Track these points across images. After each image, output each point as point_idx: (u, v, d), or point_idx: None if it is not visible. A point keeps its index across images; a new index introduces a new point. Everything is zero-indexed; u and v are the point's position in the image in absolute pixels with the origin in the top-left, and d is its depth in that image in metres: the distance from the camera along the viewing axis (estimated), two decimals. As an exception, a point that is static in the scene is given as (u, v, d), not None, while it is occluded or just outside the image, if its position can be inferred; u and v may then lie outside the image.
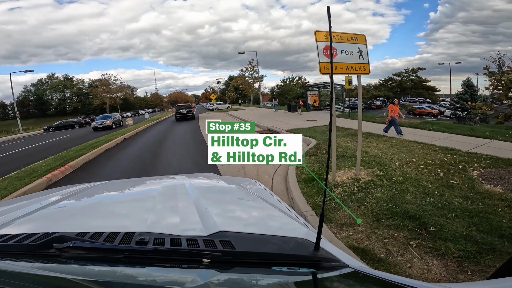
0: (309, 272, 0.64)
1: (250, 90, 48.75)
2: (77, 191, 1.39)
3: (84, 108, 58.69)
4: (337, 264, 0.67)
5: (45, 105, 59.70)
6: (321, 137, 8.02)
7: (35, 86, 60.67)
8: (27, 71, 27.10)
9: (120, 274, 0.65)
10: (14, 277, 0.60)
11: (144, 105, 68.70)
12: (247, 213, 1.11)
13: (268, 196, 1.30)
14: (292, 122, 12.73)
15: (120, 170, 6.50)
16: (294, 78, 52.26)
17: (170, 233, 0.75)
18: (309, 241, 0.74)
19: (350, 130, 9.12)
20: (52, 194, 1.35)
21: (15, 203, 1.26)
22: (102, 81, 57.20)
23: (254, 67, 45.16)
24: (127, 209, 1.15)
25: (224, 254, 0.66)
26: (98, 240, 0.71)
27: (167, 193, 1.26)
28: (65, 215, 1.09)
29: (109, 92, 56.40)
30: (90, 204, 1.28)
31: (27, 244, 0.70)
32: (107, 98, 55.60)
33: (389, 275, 0.60)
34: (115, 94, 57.91)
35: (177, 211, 0.97)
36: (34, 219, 0.98)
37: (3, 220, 0.93)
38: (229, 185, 1.55)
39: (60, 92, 60.91)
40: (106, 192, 1.51)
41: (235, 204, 1.21)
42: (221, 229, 0.78)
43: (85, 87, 61.05)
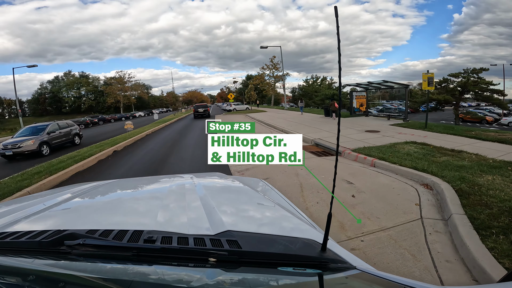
0: (315, 273, 0.63)
1: (270, 90, 44.39)
2: (88, 189, 1.39)
3: (99, 106, 57.28)
4: (344, 265, 0.66)
5: (60, 103, 58.49)
6: (450, 173, 4.25)
7: (51, 83, 59.87)
8: (31, 66, 24.56)
9: (128, 271, 0.65)
10: (25, 274, 0.61)
11: (159, 104, 67.07)
12: (254, 213, 1.09)
13: (276, 196, 1.31)
14: (346, 134, 8.97)
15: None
16: (318, 78, 47.59)
17: (177, 232, 0.75)
18: (316, 242, 0.73)
19: (466, 154, 5.37)
20: (63, 192, 1.36)
21: (28, 200, 1.25)
22: (117, 79, 55.63)
23: (276, 65, 40.74)
24: (136, 208, 1.16)
25: (231, 253, 0.66)
26: (107, 238, 0.71)
27: (176, 192, 1.27)
28: (76, 213, 1.11)
29: (123, 90, 54.65)
30: (100, 202, 1.29)
31: (39, 241, 0.71)
32: (121, 96, 53.83)
33: (396, 277, 0.59)
34: (129, 92, 56.20)
35: (185, 210, 0.98)
36: (46, 217, 0.98)
37: (16, 217, 0.95)
38: (237, 185, 1.52)
39: (76, 89, 59.63)
40: (115, 190, 1.51)
41: (242, 204, 1.20)
42: (228, 228, 0.78)
43: (100, 85, 59.60)
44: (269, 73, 42.08)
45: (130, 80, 56.98)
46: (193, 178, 1.52)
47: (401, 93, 12.27)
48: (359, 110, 14.29)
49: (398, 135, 8.21)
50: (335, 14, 0.75)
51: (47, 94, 58.50)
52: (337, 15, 0.75)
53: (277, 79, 41.21)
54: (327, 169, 5.19)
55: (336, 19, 0.75)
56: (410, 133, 8.52)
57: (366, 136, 8.26)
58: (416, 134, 8.12)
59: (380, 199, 3.67)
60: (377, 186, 4.20)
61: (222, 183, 1.64)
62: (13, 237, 0.74)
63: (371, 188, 4.11)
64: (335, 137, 6.76)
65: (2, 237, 0.75)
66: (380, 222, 3.03)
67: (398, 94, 12.65)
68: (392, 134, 8.42)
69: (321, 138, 8.26)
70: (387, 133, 8.69)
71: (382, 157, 5.41)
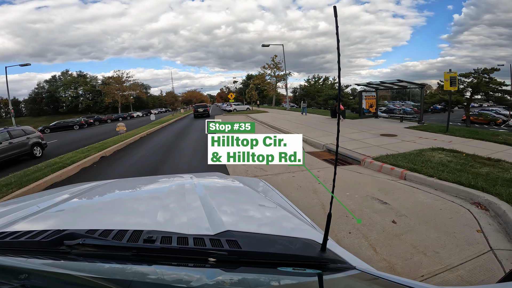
0: (315, 273, 0.63)
1: (271, 90, 42.94)
2: (88, 189, 1.38)
3: (96, 106, 56.26)
4: (344, 265, 0.66)
5: (57, 102, 57.18)
6: (504, 189, 3.42)
7: (48, 82, 58.62)
8: (23, 65, 23.56)
9: (128, 271, 0.64)
10: (25, 273, 0.60)
11: (158, 104, 66.16)
12: (254, 213, 1.08)
13: (276, 197, 1.30)
14: (360, 138, 8.11)
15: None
16: (320, 77, 46.13)
17: (177, 232, 0.74)
18: (315, 242, 0.72)
19: (506, 164, 4.63)
20: (62, 192, 1.34)
21: (27, 200, 1.24)
22: (115, 78, 54.68)
23: (278, 64, 39.27)
24: (135, 207, 1.14)
25: (230, 253, 0.65)
26: (107, 237, 0.70)
27: (175, 192, 1.26)
28: (76, 212, 1.10)
29: (121, 90, 53.70)
30: (100, 202, 1.28)
31: (39, 240, 0.70)
32: (118, 96, 52.83)
33: (396, 277, 0.59)
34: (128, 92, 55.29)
35: (185, 210, 0.97)
36: (45, 217, 0.97)
37: (16, 216, 0.93)
38: (237, 184, 1.50)
39: (73, 89, 58.40)
40: (115, 190, 1.50)
41: (242, 204, 1.19)
42: (228, 228, 0.77)
43: (98, 84, 58.47)
44: (270, 73, 40.74)
45: (129, 80, 56.01)
46: (192, 178, 1.50)
47: (413, 93, 11.42)
48: (369, 111, 13.35)
49: (419, 140, 7.35)
50: (334, 14, 0.76)
51: (44, 94, 57.24)
52: (336, 15, 0.75)
53: (279, 78, 39.97)
54: (350, 183, 4.31)
55: (336, 19, 0.75)
56: (432, 137, 7.66)
57: (383, 141, 7.40)
58: (439, 139, 7.27)
59: (430, 226, 2.83)
60: (420, 207, 3.35)
61: (222, 183, 1.63)
62: (12, 237, 0.74)
63: (413, 210, 3.26)
64: (350, 142, 5.48)
65: (2, 237, 0.74)
66: (442, 259, 2.26)
67: (406, 94, 11.82)
68: (412, 139, 7.56)
69: (333, 143, 7.41)
70: (405, 138, 7.84)
71: (413, 168, 4.55)
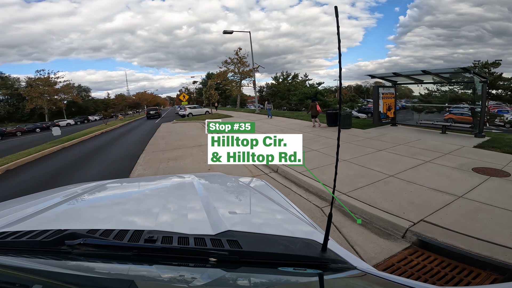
0: (316, 273, 0.62)
1: (235, 89, 36.88)
2: (88, 189, 1.36)
3: (18, 113, 45.26)
4: (344, 265, 0.65)
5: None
6: None
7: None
8: None
9: (128, 271, 0.64)
10: (26, 273, 0.59)
11: (103, 108, 56.53)
12: (254, 213, 1.06)
13: (276, 196, 1.28)
14: (437, 184, 3.56)
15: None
16: (289, 74, 40.79)
17: (178, 232, 0.74)
18: (316, 242, 0.72)
19: None
20: (63, 192, 1.33)
21: (28, 200, 1.23)
22: (41, 79, 44.43)
23: (243, 59, 33.22)
24: (137, 207, 1.13)
25: (231, 253, 0.65)
26: (108, 237, 0.70)
27: (176, 192, 1.27)
28: (77, 212, 1.08)
29: (49, 94, 43.69)
30: (101, 202, 1.26)
31: (40, 240, 0.70)
32: (44, 101, 42.76)
33: (396, 277, 0.58)
34: (58, 95, 45.44)
35: (186, 210, 0.97)
36: (47, 216, 0.96)
37: (17, 216, 0.93)
38: (238, 184, 1.49)
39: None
40: (116, 190, 1.49)
41: (243, 204, 1.19)
42: (228, 228, 0.77)
43: (22, 88, 47.21)
44: (234, 69, 34.48)
45: (59, 81, 46.09)
46: (193, 178, 1.48)
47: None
48: (386, 116, 9.15)
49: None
50: (335, 14, 0.74)
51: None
52: (337, 15, 0.74)
53: (244, 75, 34.08)
54: None
55: (337, 19, 0.73)
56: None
57: (494, 192, 2.92)
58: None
59: None
60: None
61: (223, 183, 1.59)
62: (13, 236, 0.73)
63: None
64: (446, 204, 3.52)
65: (3, 237, 0.74)
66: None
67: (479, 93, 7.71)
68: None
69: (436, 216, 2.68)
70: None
71: None
